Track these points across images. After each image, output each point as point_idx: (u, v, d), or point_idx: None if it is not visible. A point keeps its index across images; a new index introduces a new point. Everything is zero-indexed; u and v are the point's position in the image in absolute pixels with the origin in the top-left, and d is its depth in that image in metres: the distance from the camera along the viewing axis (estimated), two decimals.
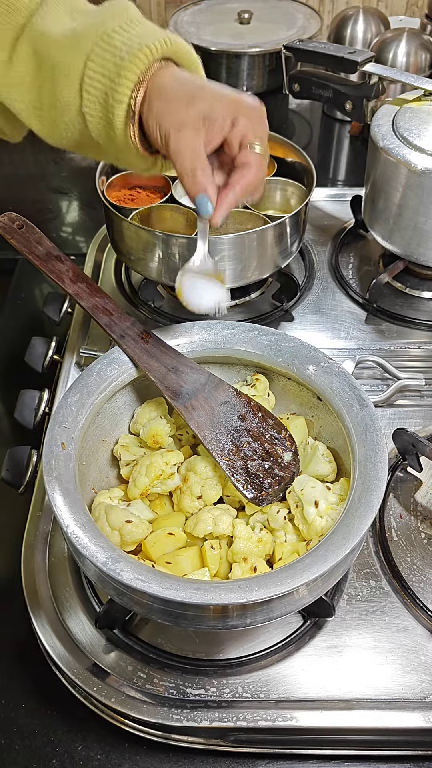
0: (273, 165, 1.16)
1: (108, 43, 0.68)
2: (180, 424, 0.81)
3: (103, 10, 0.72)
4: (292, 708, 0.67)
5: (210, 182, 0.69)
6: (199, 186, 0.68)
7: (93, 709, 0.70)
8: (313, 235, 1.20)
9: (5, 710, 0.71)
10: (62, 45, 0.70)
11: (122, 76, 0.67)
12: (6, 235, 0.83)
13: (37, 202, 0.79)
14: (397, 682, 0.69)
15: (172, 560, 0.69)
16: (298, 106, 1.66)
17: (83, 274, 0.83)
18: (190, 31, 1.64)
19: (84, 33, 0.69)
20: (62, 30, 0.71)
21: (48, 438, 0.69)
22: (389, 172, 1.00)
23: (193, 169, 0.67)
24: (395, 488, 0.85)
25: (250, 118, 0.70)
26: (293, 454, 0.75)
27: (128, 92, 0.67)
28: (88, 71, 0.68)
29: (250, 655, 0.72)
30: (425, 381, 0.95)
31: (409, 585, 0.75)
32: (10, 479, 0.86)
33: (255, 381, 0.82)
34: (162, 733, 0.68)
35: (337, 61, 1.09)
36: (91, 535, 0.61)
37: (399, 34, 1.46)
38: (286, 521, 0.72)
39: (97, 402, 0.74)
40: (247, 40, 1.61)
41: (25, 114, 0.76)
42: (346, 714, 0.67)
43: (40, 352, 1.00)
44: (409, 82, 1.04)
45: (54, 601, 0.75)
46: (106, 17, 0.70)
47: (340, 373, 0.75)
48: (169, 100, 0.67)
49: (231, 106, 0.69)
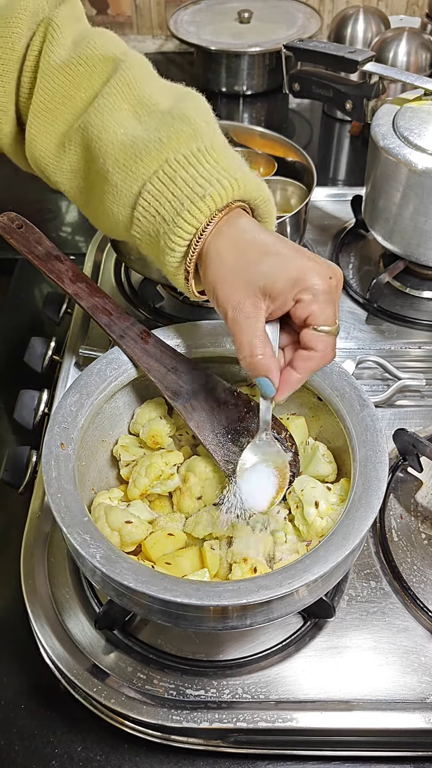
0: (273, 164, 1.16)
1: (168, 177, 0.62)
2: (180, 424, 0.80)
3: (173, 120, 0.64)
4: (292, 709, 0.67)
5: (270, 365, 0.62)
6: (259, 370, 0.62)
7: (93, 710, 0.69)
8: (313, 235, 1.20)
9: (5, 711, 0.71)
10: (119, 159, 0.64)
11: (179, 226, 0.61)
12: (5, 234, 0.83)
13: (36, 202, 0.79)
14: (397, 683, 0.69)
15: (172, 561, 0.69)
16: (299, 106, 1.66)
17: (83, 274, 0.83)
18: (190, 31, 1.64)
19: (145, 151, 0.63)
20: (121, 136, 0.65)
21: (47, 438, 0.68)
22: (390, 172, 0.99)
23: (252, 351, 0.61)
24: (396, 489, 0.85)
25: (316, 295, 0.61)
26: (293, 454, 0.75)
27: (184, 243, 0.62)
28: (142, 201, 0.63)
29: (250, 656, 0.71)
30: (426, 381, 0.95)
31: (410, 586, 0.75)
32: (10, 479, 0.85)
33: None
34: (162, 734, 0.68)
35: (338, 60, 1.09)
36: (91, 535, 0.61)
37: (399, 34, 1.46)
38: (287, 522, 0.72)
39: (97, 402, 0.74)
40: (247, 40, 1.61)
41: (73, 198, 0.74)
42: (346, 715, 0.67)
43: (39, 353, 1.00)
44: (410, 81, 1.04)
45: (53, 602, 0.74)
46: (173, 133, 0.63)
47: (341, 373, 0.75)
48: (226, 268, 0.61)
49: (295, 282, 0.60)
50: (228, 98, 1.68)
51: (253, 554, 0.69)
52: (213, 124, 0.67)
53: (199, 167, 0.62)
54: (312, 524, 0.69)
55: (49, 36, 0.71)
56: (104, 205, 0.67)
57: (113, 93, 0.68)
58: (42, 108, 0.71)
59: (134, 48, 0.76)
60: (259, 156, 1.18)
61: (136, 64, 0.71)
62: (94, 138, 0.67)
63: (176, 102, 0.68)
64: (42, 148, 0.73)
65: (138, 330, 0.78)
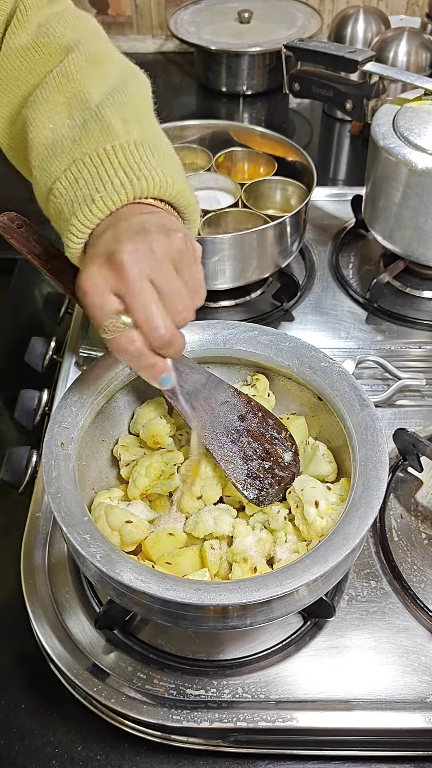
0: (273, 164, 1.16)
1: (74, 176, 0.62)
2: (180, 424, 0.80)
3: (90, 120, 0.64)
4: (292, 708, 0.67)
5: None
6: None
7: (93, 710, 0.69)
8: (313, 235, 1.20)
9: (5, 710, 0.71)
10: (40, 154, 0.65)
11: (72, 226, 0.61)
12: (5, 234, 0.82)
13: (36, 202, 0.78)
14: (397, 683, 0.69)
15: (172, 561, 0.69)
16: (299, 106, 1.66)
17: None
18: (190, 31, 1.64)
19: (60, 149, 0.64)
20: (48, 132, 0.66)
21: (47, 438, 0.68)
22: (390, 172, 0.99)
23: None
24: (396, 488, 0.85)
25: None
26: (293, 454, 0.75)
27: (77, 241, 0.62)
28: (52, 198, 0.63)
29: (251, 655, 0.71)
30: (426, 381, 0.95)
31: (410, 585, 0.75)
32: (10, 479, 0.85)
33: (255, 381, 0.82)
34: (162, 734, 0.68)
35: (338, 60, 1.09)
36: (91, 535, 0.61)
37: (399, 34, 1.46)
38: (287, 521, 0.72)
39: (97, 402, 0.74)
40: (248, 40, 1.61)
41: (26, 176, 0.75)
42: (346, 715, 0.67)
43: (39, 352, 1.00)
44: (410, 81, 1.04)
45: (54, 602, 0.74)
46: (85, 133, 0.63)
47: (341, 373, 0.75)
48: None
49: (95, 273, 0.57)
50: (228, 98, 1.68)
51: (253, 554, 0.69)
52: (134, 122, 0.66)
53: (100, 168, 0.61)
54: (312, 524, 0.69)
55: (15, 19, 0.72)
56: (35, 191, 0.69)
57: (52, 85, 0.69)
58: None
59: (134, 48, 0.76)
60: (259, 156, 1.18)
61: (87, 53, 0.70)
62: (27, 130, 0.68)
63: (106, 95, 0.67)
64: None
65: None
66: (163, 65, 1.82)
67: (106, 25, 0.81)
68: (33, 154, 0.66)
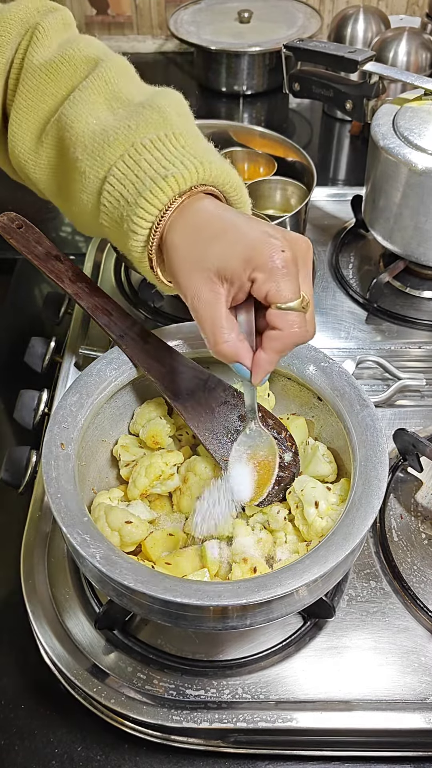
0: (273, 164, 1.16)
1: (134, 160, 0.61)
2: (180, 424, 0.80)
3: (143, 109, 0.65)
4: (292, 709, 0.67)
5: (237, 350, 0.59)
6: (227, 357, 0.60)
7: (92, 710, 0.69)
8: (313, 235, 1.20)
9: (5, 711, 0.71)
10: (87, 146, 0.64)
11: (140, 206, 0.60)
12: (5, 234, 0.83)
13: (36, 202, 0.79)
14: (397, 683, 0.69)
15: (172, 561, 0.69)
16: (299, 106, 1.66)
17: (83, 273, 0.83)
18: (190, 31, 1.64)
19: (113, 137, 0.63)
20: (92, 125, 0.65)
21: (47, 438, 0.68)
22: (390, 172, 0.99)
23: (216, 339, 0.59)
24: (396, 489, 0.85)
25: (270, 272, 0.57)
26: (293, 454, 0.75)
27: (146, 225, 0.60)
28: (108, 186, 0.62)
29: (250, 656, 0.71)
30: (426, 381, 0.95)
31: (410, 586, 0.75)
32: (10, 479, 0.85)
33: None
34: (162, 734, 0.68)
35: (338, 60, 1.09)
36: (91, 535, 0.61)
37: (399, 34, 1.46)
38: (287, 522, 0.72)
39: (97, 402, 0.74)
40: (247, 40, 1.61)
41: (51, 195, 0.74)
42: (346, 715, 0.67)
43: (39, 353, 1.00)
44: (410, 81, 1.04)
45: (53, 602, 0.74)
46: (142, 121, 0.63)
47: (341, 373, 0.75)
48: (182, 255, 0.59)
49: (246, 261, 0.57)
50: (228, 98, 1.68)
51: (253, 554, 0.69)
52: (186, 116, 0.68)
53: (164, 150, 0.61)
54: (312, 524, 0.69)
55: (34, 38, 0.72)
56: (75, 195, 0.67)
57: (89, 87, 0.68)
58: (23, 105, 0.72)
59: (134, 48, 0.76)
60: (259, 156, 1.18)
61: (116, 65, 0.71)
62: (67, 128, 0.67)
63: (150, 96, 0.68)
64: (22, 145, 0.73)
65: (138, 330, 0.78)
66: (163, 65, 1.82)
67: (106, 25, 0.81)
68: (80, 149, 0.65)
